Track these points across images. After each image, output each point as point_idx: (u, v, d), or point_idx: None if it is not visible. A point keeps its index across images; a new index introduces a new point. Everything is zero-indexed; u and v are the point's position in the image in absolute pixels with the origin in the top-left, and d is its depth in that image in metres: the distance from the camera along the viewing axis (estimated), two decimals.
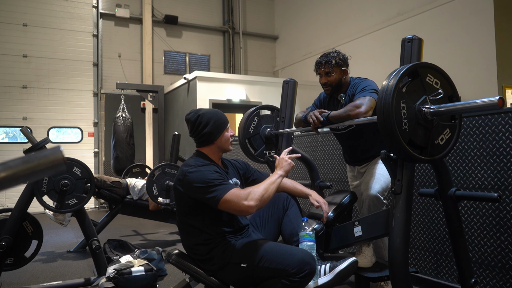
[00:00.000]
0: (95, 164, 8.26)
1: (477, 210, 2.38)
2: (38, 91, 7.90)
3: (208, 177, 1.78)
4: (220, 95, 7.23)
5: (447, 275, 2.57)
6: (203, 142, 1.96)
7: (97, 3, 8.52)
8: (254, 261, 1.74)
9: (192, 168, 1.83)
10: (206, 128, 1.92)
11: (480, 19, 5.46)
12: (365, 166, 2.53)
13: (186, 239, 1.91)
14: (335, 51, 2.46)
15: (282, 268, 1.67)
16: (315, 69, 2.50)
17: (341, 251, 2.78)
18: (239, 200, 1.71)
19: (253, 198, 1.71)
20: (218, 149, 1.98)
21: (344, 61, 2.42)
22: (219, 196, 1.72)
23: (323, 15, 8.75)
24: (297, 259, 1.67)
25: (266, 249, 1.74)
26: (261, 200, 1.73)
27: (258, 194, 1.74)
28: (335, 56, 2.40)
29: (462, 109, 1.49)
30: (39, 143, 3.06)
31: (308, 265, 1.67)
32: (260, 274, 1.74)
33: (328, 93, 2.52)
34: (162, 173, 4.22)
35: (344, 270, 1.80)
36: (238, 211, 1.74)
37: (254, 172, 2.16)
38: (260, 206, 1.75)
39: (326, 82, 2.44)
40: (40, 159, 0.54)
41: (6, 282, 3.15)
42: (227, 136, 1.98)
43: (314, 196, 2.11)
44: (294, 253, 1.71)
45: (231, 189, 1.75)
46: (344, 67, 2.42)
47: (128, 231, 5.40)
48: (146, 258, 3.11)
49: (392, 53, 6.31)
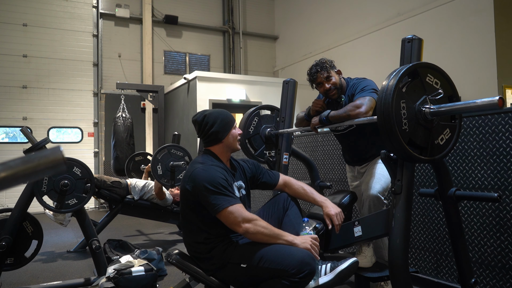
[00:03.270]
0: (95, 164, 8.26)
1: (477, 210, 2.38)
2: (38, 91, 7.90)
3: (216, 181, 1.77)
4: (220, 95, 7.23)
5: (447, 275, 2.57)
6: (211, 141, 1.96)
7: (97, 3, 8.52)
8: (253, 262, 1.74)
9: (200, 166, 1.84)
10: (213, 127, 1.92)
11: (480, 19, 5.46)
12: (365, 166, 2.53)
13: (187, 236, 1.92)
14: (321, 58, 2.50)
15: (281, 269, 1.67)
16: (311, 80, 2.49)
17: (341, 251, 2.78)
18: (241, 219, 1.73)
19: (254, 225, 1.74)
20: (227, 148, 1.98)
21: (333, 63, 2.49)
22: (221, 206, 1.73)
23: (323, 15, 8.75)
24: (297, 259, 1.67)
25: (265, 249, 1.74)
26: (257, 232, 1.74)
27: (260, 228, 1.74)
28: (324, 61, 2.45)
29: (462, 109, 1.49)
30: (39, 143, 3.06)
31: (308, 265, 1.67)
32: (260, 274, 1.74)
33: (335, 97, 2.49)
34: (168, 154, 4.26)
35: (344, 270, 1.79)
36: (233, 224, 1.75)
37: (264, 174, 2.14)
38: (251, 236, 1.76)
39: (330, 87, 2.44)
40: (40, 159, 0.54)
41: (6, 282, 3.15)
42: (234, 134, 1.98)
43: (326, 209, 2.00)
44: (294, 253, 1.70)
45: (236, 203, 1.75)
46: (335, 69, 2.50)
47: (128, 231, 5.40)
48: (146, 258, 3.11)
49: (392, 53, 6.31)
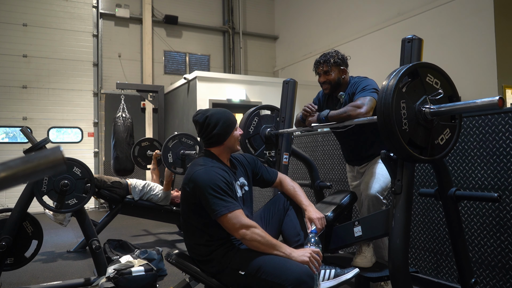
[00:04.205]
0: (95, 164, 8.26)
1: (477, 210, 2.38)
2: (38, 91, 7.90)
3: (217, 183, 1.76)
4: (220, 95, 7.23)
5: (447, 275, 2.57)
6: (212, 143, 1.95)
7: (97, 3, 8.52)
8: (252, 271, 1.73)
9: (201, 168, 1.83)
10: (215, 130, 1.90)
11: (480, 19, 5.46)
12: (365, 166, 2.53)
13: (188, 237, 1.92)
14: (334, 51, 2.49)
15: (278, 283, 1.66)
16: (314, 68, 2.53)
17: (341, 251, 2.78)
18: (239, 225, 1.72)
19: (252, 232, 1.72)
20: (227, 149, 1.97)
21: (342, 60, 2.45)
22: (220, 212, 1.73)
23: (323, 15, 8.75)
24: (294, 276, 1.65)
25: (265, 260, 1.73)
26: (253, 240, 1.73)
27: (256, 236, 1.73)
28: (333, 56, 2.43)
29: (462, 109, 1.49)
30: (39, 143, 3.06)
31: (305, 284, 1.65)
32: (257, 284, 1.73)
33: (327, 92, 2.53)
34: (178, 142, 4.29)
35: (347, 280, 1.82)
36: (231, 230, 1.75)
37: (262, 170, 2.13)
38: (247, 243, 1.75)
39: (324, 81, 2.47)
40: (40, 159, 0.53)
41: (6, 282, 3.15)
42: (236, 135, 1.97)
43: (308, 214, 1.99)
44: (293, 269, 1.68)
45: (235, 209, 1.75)
46: (342, 66, 2.45)
47: (128, 231, 5.40)
48: (146, 258, 3.11)
49: (392, 53, 6.31)
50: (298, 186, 2.12)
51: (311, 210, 1.99)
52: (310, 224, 1.95)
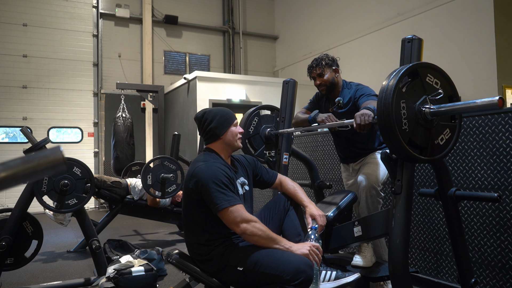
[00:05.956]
0: (95, 164, 8.26)
1: (477, 210, 2.38)
2: (38, 91, 7.90)
3: (218, 177, 1.78)
4: (220, 95, 7.23)
5: (447, 275, 2.57)
6: (209, 138, 1.98)
7: (97, 3, 8.52)
8: (249, 265, 1.73)
9: (202, 164, 1.84)
10: (211, 124, 1.94)
11: (480, 19, 5.46)
12: (360, 162, 2.59)
13: (189, 237, 1.92)
14: (324, 54, 2.60)
15: (277, 274, 1.66)
16: (308, 74, 2.61)
17: (341, 251, 2.78)
18: (240, 219, 1.73)
19: (252, 227, 1.73)
20: (226, 146, 1.98)
21: (333, 61, 2.55)
22: (222, 205, 1.73)
23: (323, 15, 8.75)
24: (292, 266, 1.65)
25: (263, 254, 1.73)
26: (254, 234, 1.73)
27: (257, 231, 1.73)
28: (324, 58, 2.54)
29: (462, 109, 1.49)
30: (39, 143, 3.06)
31: (304, 273, 1.64)
32: (256, 278, 1.73)
33: (324, 93, 2.60)
34: (160, 165, 4.22)
35: (348, 284, 1.82)
36: (232, 224, 1.75)
37: (262, 171, 2.15)
38: (247, 237, 1.76)
39: (320, 83, 2.55)
40: (40, 159, 0.54)
41: (6, 282, 3.15)
42: (234, 131, 1.98)
43: (309, 210, 2.00)
44: (291, 260, 1.68)
45: (236, 203, 1.75)
46: (334, 66, 2.54)
47: (128, 231, 5.40)
48: (146, 258, 3.11)
49: (392, 53, 6.31)
50: (298, 186, 2.12)
51: (312, 207, 2.00)
52: (311, 221, 1.96)
